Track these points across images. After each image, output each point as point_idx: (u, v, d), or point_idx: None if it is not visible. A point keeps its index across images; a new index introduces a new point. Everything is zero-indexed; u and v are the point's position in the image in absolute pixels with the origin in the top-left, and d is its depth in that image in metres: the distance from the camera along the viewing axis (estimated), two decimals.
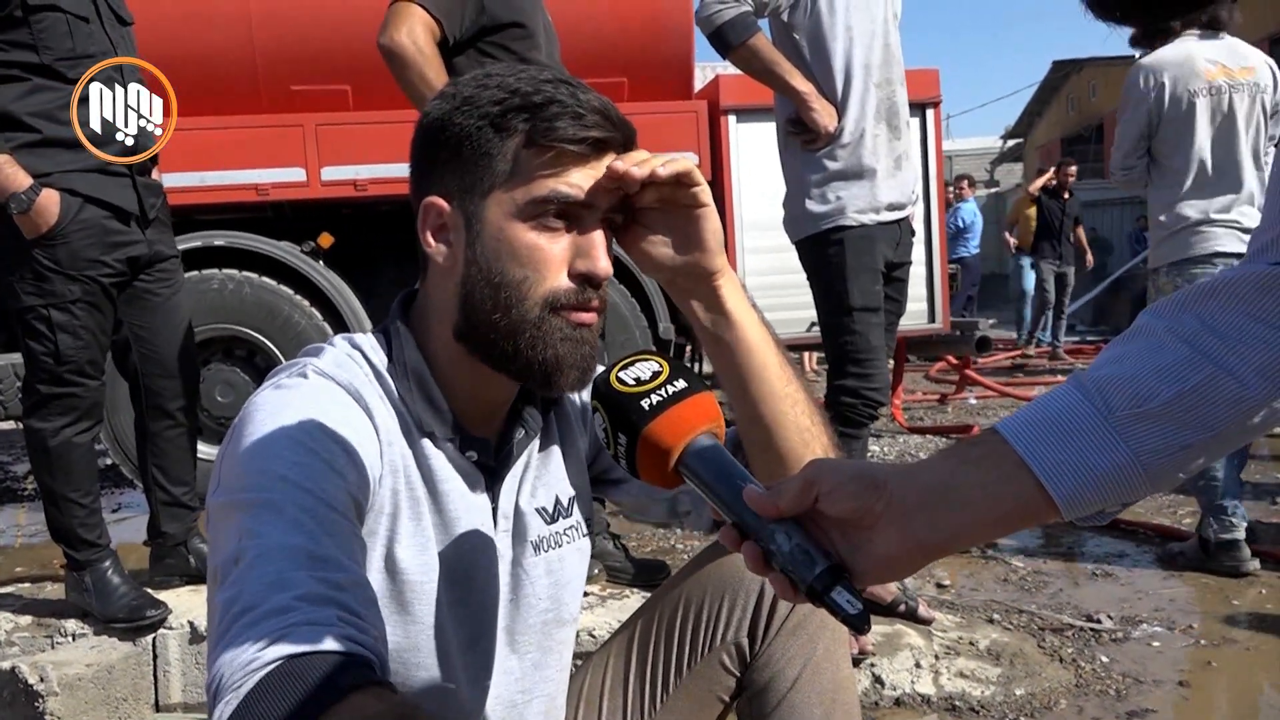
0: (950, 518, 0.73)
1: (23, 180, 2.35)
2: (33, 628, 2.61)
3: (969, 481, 0.73)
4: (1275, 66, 3.12)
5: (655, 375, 0.86)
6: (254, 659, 0.71)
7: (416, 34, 2.37)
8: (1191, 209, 3.07)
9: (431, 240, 1.02)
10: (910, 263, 2.89)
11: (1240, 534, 3.10)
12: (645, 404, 0.83)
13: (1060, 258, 9.67)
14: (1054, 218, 9.71)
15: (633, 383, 0.85)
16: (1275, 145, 3.13)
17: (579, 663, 1.29)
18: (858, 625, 0.73)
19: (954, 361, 7.43)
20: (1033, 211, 10.23)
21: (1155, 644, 2.64)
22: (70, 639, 2.55)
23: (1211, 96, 3.06)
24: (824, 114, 2.61)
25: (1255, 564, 3.11)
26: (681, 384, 0.85)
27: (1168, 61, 3.11)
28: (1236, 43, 3.14)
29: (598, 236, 0.99)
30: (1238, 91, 3.06)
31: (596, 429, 0.88)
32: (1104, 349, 0.77)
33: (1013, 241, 10.83)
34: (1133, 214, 15.16)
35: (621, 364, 0.88)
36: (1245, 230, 3.00)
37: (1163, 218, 3.14)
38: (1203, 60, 3.08)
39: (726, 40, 2.59)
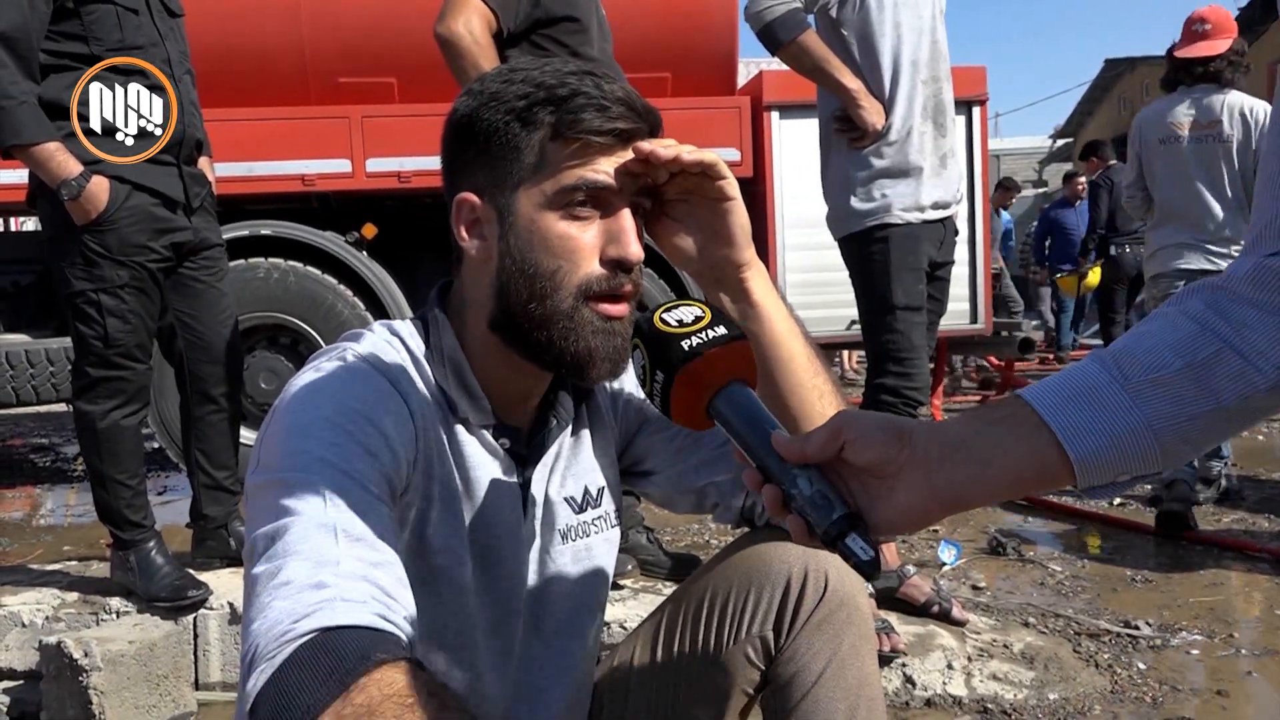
0: (969, 472, 0.76)
1: (73, 167, 2.39)
2: (79, 604, 2.68)
3: (989, 439, 0.77)
4: (1261, 116, 3.50)
5: (698, 320, 0.88)
6: (289, 630, 0.73)
7: (473, 24, 2.40)
8: (1158, 237, 3.77)
9: (465, 234, 1.03)
10: (953, 262, 2.87)
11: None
12: (685, 344, 0.85)
13: None
14: None
15: (675, 324, 0.87)
16: None
17: (607, 652, 1.29)
18: (868, 572, 0.76)
19: (996, 363, 7.36)
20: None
21: (1194, 652, 2.60)
22: (114, 616, 2.61)
23: (1172, 145, 3.67)
24: (872, 112, 2.59)
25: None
26: (722, 330, 0.87)
27: (1146, 117, 3.80)
28: (1223, 97, 3.60)
29: (627, 221, 1.00)
30: (1201, 142, 3.62)
31: (635, 366, 0.91)
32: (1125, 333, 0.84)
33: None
34: None
35: (666, 306, 0.90)
36: (1206, 252, 3.59)
37: (1149, 240, 3.91)
38: (1171, 115, 3.68)
39: (776, 37, 2.58)
